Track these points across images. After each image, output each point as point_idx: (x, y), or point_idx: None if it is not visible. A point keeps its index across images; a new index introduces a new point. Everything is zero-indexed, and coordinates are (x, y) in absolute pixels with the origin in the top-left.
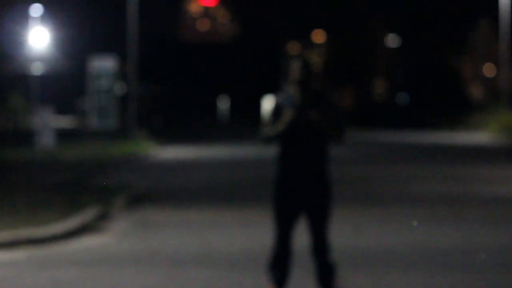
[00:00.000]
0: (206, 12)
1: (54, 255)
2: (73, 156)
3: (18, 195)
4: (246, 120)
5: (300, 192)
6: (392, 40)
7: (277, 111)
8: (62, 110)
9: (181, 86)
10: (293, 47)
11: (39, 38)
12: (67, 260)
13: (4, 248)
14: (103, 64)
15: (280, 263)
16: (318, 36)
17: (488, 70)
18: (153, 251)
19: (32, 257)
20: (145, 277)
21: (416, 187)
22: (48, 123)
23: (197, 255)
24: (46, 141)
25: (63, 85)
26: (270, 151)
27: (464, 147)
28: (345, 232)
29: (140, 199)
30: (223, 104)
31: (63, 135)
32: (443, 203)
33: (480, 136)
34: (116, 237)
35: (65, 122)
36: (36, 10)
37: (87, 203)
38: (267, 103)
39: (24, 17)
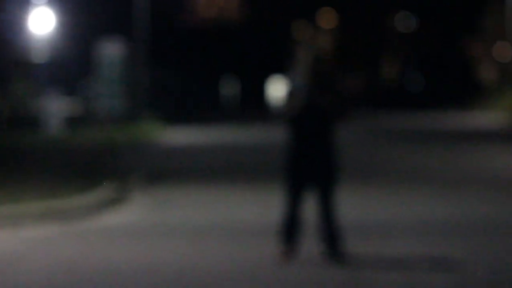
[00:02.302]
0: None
1: (80, 229)
2: (82, 141)
3: (35, 175)
4: (254, 103)
5: (309, 165)
6: (404, 21)
7: (289, 95)
8: (68, 95)
9: (189, 69)
10: (302, 30)
11: (42, 22)
12: (95, 234)
13: (32, 220)
14: (110, 48)
15: (290, 228)
16: (328, 18)
17: (501, 51)
18: (173, 224)
19: (61, 231)
20: (171, 248)
21: (422, 167)
22: (54, 109)
23: (214, 227)
24: (53, 127)
25: (69, 69)
26: (277, 134)
27: (475, 129)
28: (352, 205)
29: (154, 178)
30: (231, 87)
31: (70, 121)
32: (448, 181)
33: (491, 118)
34: (137, 212)
35: (71, 107)
36: None
37: (104, 180)
38: (278, 87)
39: (27, 1)
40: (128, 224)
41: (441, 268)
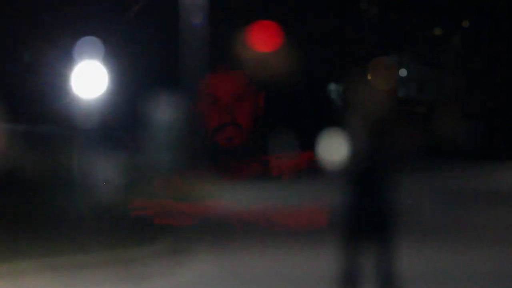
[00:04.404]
0: (263, 58)
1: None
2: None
3: (90, 234)
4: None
5: (367, 217)
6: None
7: (346, 149)
8: (119, 153)
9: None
10: (354, 80)
11: (89, 82)
12: None
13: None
14: (161, 102)
15: (350, 277)
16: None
17: None
18: (238, 277)
19: None
20: None
21: (480, 225)
22: (106, 170)
23: (276, 279)
24: (105, 189)
25: (119, 126)
26: (331, 189)
27: None
28: (409, 255)
29: (208, 232)
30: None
31: (122, 180)
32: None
33: None
34: (199, 267)
35: (123, 166)
36: (86, 50)
37: (160, 233)
38: (331, 139)
39: (73, 57)
40: (195, 278)
41: None
